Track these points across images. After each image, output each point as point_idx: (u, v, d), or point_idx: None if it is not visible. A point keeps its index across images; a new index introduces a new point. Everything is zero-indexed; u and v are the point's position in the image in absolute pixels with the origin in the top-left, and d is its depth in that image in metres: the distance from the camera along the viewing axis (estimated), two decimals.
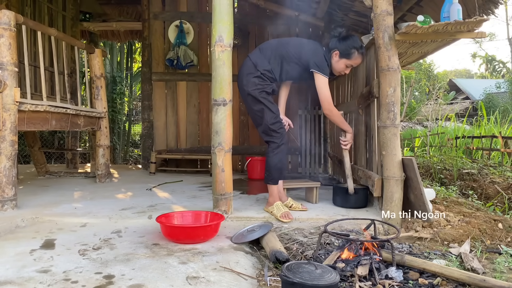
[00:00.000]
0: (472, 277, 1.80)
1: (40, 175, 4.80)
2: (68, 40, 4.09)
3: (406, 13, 3.73)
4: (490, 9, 3.09)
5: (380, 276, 1.85)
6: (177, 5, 5.60)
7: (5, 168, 2.86)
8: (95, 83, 4.30)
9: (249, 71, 2.86)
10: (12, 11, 2.95)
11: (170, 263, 1.89)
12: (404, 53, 3.09)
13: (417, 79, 15.06)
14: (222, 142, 2.74)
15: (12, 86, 2.86)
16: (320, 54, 2.86)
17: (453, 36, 2.54)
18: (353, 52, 2.85)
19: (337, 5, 4.66)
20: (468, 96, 18.68)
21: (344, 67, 2.93)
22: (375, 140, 2.91)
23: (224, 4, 2.74)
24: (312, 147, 5.37)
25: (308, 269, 1.63)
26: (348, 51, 2.85)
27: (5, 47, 2.85)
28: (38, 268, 1.82)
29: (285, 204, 2.99)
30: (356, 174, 3.40)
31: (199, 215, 2.58)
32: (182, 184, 4.36)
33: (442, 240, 2.42)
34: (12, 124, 2.87)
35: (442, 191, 3.58)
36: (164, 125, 5.63)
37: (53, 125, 3.42)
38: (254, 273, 1.89)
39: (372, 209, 2.99)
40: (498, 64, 24.28)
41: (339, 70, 2.94)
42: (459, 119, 11.59)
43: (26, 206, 3.02)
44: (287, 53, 2.88)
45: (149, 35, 5.54)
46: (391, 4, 2.63)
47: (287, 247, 2.29)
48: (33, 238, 2.29)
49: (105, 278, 1.71)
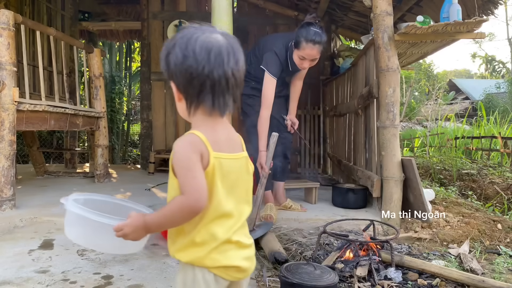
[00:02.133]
0: (471, 278, 1.79)
1: (38, 175, 4.79)
2: (67, 40, 4.08)
3: (405, 14, 3.73)
4: (490, 10, 3.09)
5: (379, 277, 1.85)
6: (176, 5, 5.60)
7: (3, 168, 2.85)
8: (94, 82, 4.29)
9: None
10: (11, 11, 2.94)
11: (169, 264, 1.89)
12: (404, 53, 3.08)
13: (417, 79, 15.07)
14: None
15: (10, 85, 2.85)
16: (271, 49, 2.74)
17: (452, 37, 2.54)
18: (301, 42, 2.61)
19: (336, 5, 4.65)
20: (467, 96, 18.68)
21: (298, 60, 2.71)
22: (375, 141, 2.91)
23: (223, 4, 2.73)
24: (312, 147, 5.37)
25: (307, 269, 1.62)
26: (297, 40, 2.65)
27: (4, 47, 2.85)
28: (36, 268, 1.81)
29: (284, 205, 2.99)
30: (355, 174, 3.40)
31: None
32: None
33: (441, 241, 2.42)
34: (10, 124, 2.86)
35: (441, 192, 3.58)
36: (163, 125, 5.62)
37: (52, 125, 3.41)
38: (253, 274, 1.89)
39: (372, 209, 2.99)
40: (498, 64, 24.29)
41: (296, 63, 2.74)
42: (459, 120, 11.59)
43: (24, 206, 3.01)
44: (259, 50, 2.87)
45: (148, 34, 5.53)
46: (391, 4, 2.63)
47: (286, 247, 2.29)
48: (32, 238, 2.29)
49: (103, 278, 1.70)
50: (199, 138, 0.90)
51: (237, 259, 0.93)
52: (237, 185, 0.95)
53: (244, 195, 0.98)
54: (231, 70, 0.91)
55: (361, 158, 3.37)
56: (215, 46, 0.91)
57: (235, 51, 0.93)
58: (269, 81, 2.70)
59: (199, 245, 0.90)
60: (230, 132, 1.00)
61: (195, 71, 0.89)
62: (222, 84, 0.91)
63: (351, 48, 5.10)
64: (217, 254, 0.91)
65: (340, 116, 4.46)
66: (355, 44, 6.03)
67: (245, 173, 0.98)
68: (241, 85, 0.97)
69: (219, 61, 0.90)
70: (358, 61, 3.48)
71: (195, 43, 0.90)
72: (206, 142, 0.90)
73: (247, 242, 0.97)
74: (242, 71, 0.95)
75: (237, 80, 0.94)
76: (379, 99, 2.69)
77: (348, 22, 5.08)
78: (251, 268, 0.97)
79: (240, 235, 0.95)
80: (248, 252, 0.97)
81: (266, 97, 2.70)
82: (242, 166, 0.97)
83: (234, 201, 0.94)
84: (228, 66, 0.91)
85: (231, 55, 0.92)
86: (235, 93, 0.95)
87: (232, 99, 0.95)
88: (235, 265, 0.92)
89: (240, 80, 0.95)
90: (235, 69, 0.92)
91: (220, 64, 0.90)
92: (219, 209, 0.91)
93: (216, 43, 0.91)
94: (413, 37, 2.55)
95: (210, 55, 0.89)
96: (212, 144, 0.91)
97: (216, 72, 0.90)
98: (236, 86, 0.94)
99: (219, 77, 0.90)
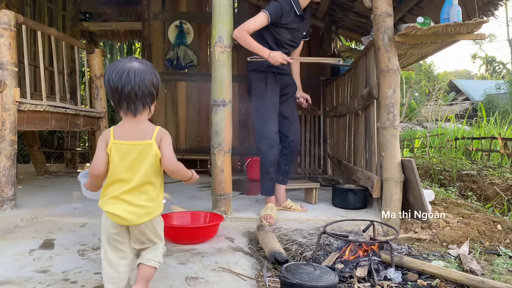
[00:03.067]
0: (471, 279, 1.80)
1: (39, 175, 4.80)
2: (68, 40, 4.09)
3: (406, 14, 3.74)
4: (490, 11, 3.09)
5: (379, 277, 1.86)
6: (177, 5, 5.60)
7: (4, 167, 2.86)
8: (94, 83, 4.29)
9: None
10: (12, 11, 2.95)
11: (169, 264, 1.90)
12: (404, 54, 3.09)
13: (417, 80, 15.07)
14: (221, 142, 2.74)
15: (11, 85, 2.86)
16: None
17: (452, 38, 2.55)
18: None
19: (337, 6, 4.66)
20: (468, 97, 18.68)
21: None
22: (375, 141, 2.91)
23: (224, 5, 2.75)
24: (312, 147, 5.37)
25: (307, 270, 1.63)
26: None
27: (5, 47, 2.85)
28: (37, 268, 1.82)
29: (284, 205, 2.99)
30: (355, 175, 3.40)
31: (198, 215, 2.58)
32: (181, 185, 4.36)
33: (441, 241, 2.42)
34: (11, 123, 2.87)
35: (441, 192, 3.58)
36: (164, 125, 5.58)
37: (53, 125, 3.42)
38: (253, 274, 1.90)
39: (372, 210, 2.99)
40: (498, 65, 24.27)
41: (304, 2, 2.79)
42: (459, 120, 11.59)
43: (25, 206, 3.02)
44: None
45: (149, 35, 5.54)
46: (391, 5, 2.63)
47: (286, 248, 2.29)
48: (33, 238, 2.29)
49: None
50: (109, 130, 1.41)
51: (119, 210, 1.37)
52: (137, 163, 1.39)
53: (143, 171, 1.38)
54: (137, 86, 1.37)
55: (361, 158, 3.37)
56: (126, 71, 1.36)
57: (141, 72, 1.38)
58: (261, 13, 2.72)
59: (102, 196, 1.42)
60: (140, 126, 1.42)
61: (113, 88, 1.37)
62: (131, 96, 1.37)
63: (351, 49, 5.10)
64: (107, 203, 1.39)
65: (340, 117, 4.47)
66: (356, 45, 6.03)
67: (147, 155, 1.39)
68: (151, 95, 1.41)
69: (127, 80, 1.36)
70: (359, 62, 3.49)
71: (113, 71, 1.37)
72: (111, 133, 1.40)
73: (136, 202, 1.38)
74: (148, 86, 1.39)
75: (144, 92, 1.39)
76: (379, 99, 2.69)
77: (349, 23, 5.08)
78: (134, 219, 1.38)
79: (131, 197, 1.38)
80: (133, 208, 1.38)
81: (247, 22, 2.69)
82: (143, 150, 1.39)
83: (131, 173, 1.38)
84: (135, 83, 1.36)
85: (138, 75, 1.37)
86: (144, 101, 1.40)
87: (142, 104, 1.40)
88: (116, 214, 1.37)
89: (147, 91, 1.40)
90: (141, 84, 1.37)
91: (128, 82, 1.36)
92: (113, 176, 1.39)
93: (127, 68, 1.37)
94: (413, 38, 2.55)
95: (122, 77, 1.36)
96: (116, 134, 1.39)
97: (126, 88, 1.36)
98: (143, 96, 1.39)
99: (129, 91, 1.36)
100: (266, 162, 2.79)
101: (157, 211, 1.43)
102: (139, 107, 1.39)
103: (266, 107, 2.78)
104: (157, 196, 1.44)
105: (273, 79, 2.82)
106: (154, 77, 1.42)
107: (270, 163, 2.79)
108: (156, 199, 1.43)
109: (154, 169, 1.41)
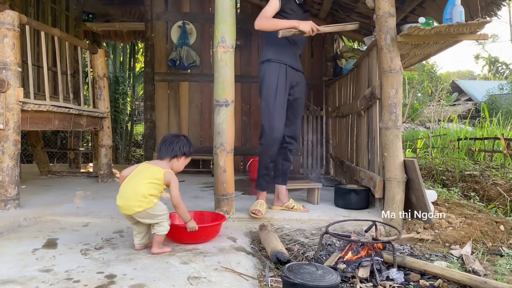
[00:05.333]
0: (473, 279, 1.79)
1: (42, 175, 4.82)
2: (71, 40, 4.10)
3: (408, 15, 3.73)
4: (493, 11, 3.08)
5: (381, 278, 1.85)
6: (180, 6, 5.62)
7: (8, 167, 2.87)
8: (97, 83, 4.31)
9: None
10: (15, 12, 2.96)
11: (172, 263, 1.90)
12: (407, 54, 3.08)
13: (420, 80, 15.04)
14: (224, 142, 2.75)
15: (15, 86, 2.88)
16: None
17: (455, 38, 2.54)
18: None
19: (339, 6, 4.66)
20: (470, 97, 18.62)
21: None
22: (377, 142, 2.91)
23: (226, 5, 2.75)
24: (314, 148, 5.37)
25: (309, 270, 1.63)
26: None
27: (9, 47, 2.87)
28: (40, 267, 1.83)
29: (287, 205, 2.99)
30: (357, 175, 3.40)
31: (201, 215, 2.58)
32: (184, 184, 4.37)
33: (444, 242, 2.42)
34: (15, 123, 2.88)
35: (444, 193, 3.57)
36: (166, 126, 5.64)
37: (56, 125, 3.44)
38: (255, 274, 1.90)
39: (374, 210, 2.99)
40: (501, 66, 24.17)
41: None
42: (462, 121, 11.57)
43: (28, 205, 3.03)
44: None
45: (152, 35, 5.56)
46: (394, 5, 2.63)
47: (288, 248, 2.29)
48: (36, 237, 2.30)
49: (107, 277, 1.71)
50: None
51: (117, 200, 2.04)
52: (134, 175, 2.09)
53: (132, 182, 2.06)
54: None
55: (364, 159, 3.37)
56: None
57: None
58: (270, 0, 2.83)
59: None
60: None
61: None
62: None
63: (353, 49, 5.11)
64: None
65: (342, 117, 4.47)
66: (358, 45, 6.03)
67: (138, 172, 2.10)
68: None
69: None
70: (361, 62, 3.49)
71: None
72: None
73: (124, 193, 2.04)
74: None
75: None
76: (381, 100, 2.69)
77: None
78: (122, 207, 2.02)
79: (123, 188, 2.06)
80: (119, 200, 2.03)
81: (264, 11, 2.82)
82: (140, 168, 2.12)
83: (130, 177, 2.08)
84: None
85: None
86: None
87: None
88: (118, 204, 2.03)
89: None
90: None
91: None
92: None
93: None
94: (416, 38, 2.55)
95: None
96: None
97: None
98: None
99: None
100: (267, 157, 2.84)
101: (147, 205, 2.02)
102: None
103: (275, 103, 2.80)
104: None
105: (284, 74, 2.83)
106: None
107: (271, 158, 2.84)
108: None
109: (136, 186, 2.08)
